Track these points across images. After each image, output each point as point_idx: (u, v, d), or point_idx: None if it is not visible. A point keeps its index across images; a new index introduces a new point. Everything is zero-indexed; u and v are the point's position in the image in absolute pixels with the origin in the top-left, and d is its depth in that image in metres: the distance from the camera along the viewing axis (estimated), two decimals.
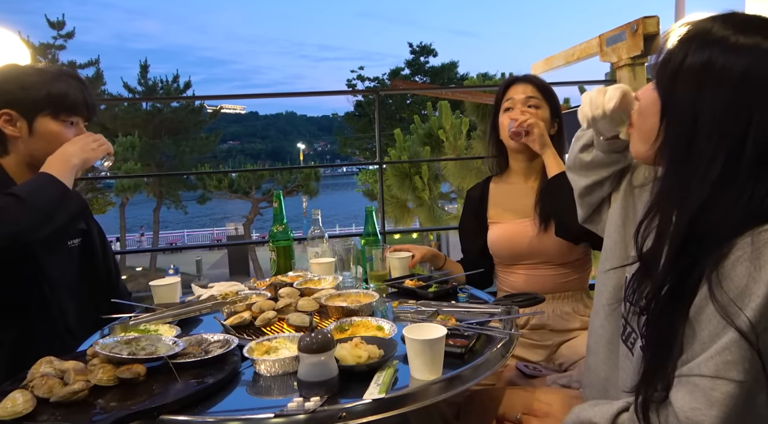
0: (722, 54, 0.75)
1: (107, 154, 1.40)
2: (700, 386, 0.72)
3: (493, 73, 12.99)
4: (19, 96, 1.28)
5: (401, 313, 1.30)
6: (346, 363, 0.95)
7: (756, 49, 0.75)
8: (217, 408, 0.90)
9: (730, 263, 0.72)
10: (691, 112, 0.77)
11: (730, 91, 0.75)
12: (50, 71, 1.34)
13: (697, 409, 0.72)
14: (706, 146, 0.76)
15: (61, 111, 1.32)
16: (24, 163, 1.33)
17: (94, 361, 0.99)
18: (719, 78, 0.75)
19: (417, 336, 0.94)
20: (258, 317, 1.24)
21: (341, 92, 3.86)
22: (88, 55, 26.56)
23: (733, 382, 0.70)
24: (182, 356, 1.01)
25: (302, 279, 1.54)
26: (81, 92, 1.35)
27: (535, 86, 1.63)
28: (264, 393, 0.96)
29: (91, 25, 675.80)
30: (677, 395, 0.75)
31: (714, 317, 0.72)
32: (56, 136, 1.32)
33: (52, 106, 1.31)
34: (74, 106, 1.34)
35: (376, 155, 2.83)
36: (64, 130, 1.33)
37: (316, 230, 1.76)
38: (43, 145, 1.30)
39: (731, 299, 0.70)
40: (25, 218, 1.15)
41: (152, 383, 0.95)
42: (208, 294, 1.45)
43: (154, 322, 1.22)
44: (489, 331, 1.13)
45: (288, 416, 0.83)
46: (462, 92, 7.72)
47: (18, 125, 1.29)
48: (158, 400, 0.87)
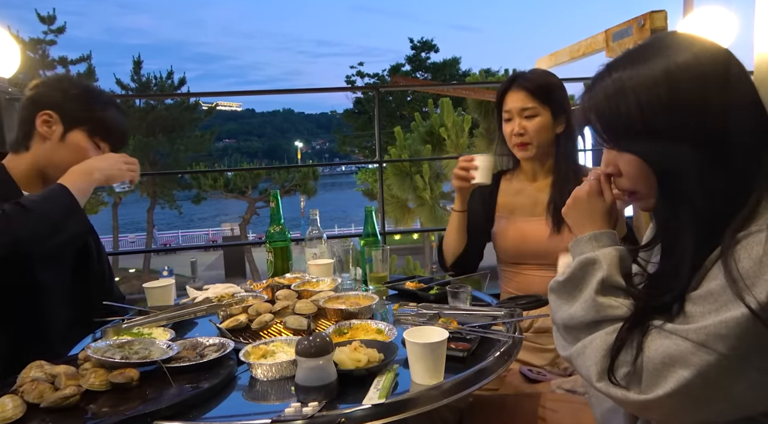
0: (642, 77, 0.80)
1: (130, 180, 1.45)
2: (682, 347, 0.73)
3: (496, 70, 12.95)
4: (66, 104, 1.37)
5: (401, 316, 1.30)
6: (345, 367, 0.95)
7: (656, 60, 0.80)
8: (212, 414, 0.90)
9: (746, 241, 0.73)
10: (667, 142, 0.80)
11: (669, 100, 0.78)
12: (103, 95, 1.46)
13: (669, 365, 0.73)
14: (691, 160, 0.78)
15: (98, 133, 1.42)
16: (37, 166, 1.38)
17: (86, 365, 0.99)
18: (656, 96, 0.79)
19: (418, 340, 0.94)
20: (254, 320, 1.24)
21: (340, 89, 3.86)
22: (79, 50, 26.57)
23: (716, 353, 0.70)
24: (176, 361, 1.01)
25: (300, 281, 1.54)
26: (120, 124, 1.47)
27: (529, 92, 1.58)
28: (261, 398, 0.97)
29: (82, 20, 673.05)
30: (654, 344, 0.76)
31: (723, 292, 0.72)
32: (82, 151, 1.39)
33: (92, 126, 1.40)
34: (109, 134, 1.45)
35: (375, 154, 2.83)
36: (91, 149, 1.41)
37: (314, 231, 1.76)
38: (66, 155, 1.37)
39: (742, 275, 0.71)
40: (28, 228, 1.16)
41: (146, 388, 0.95)
42: (203, 296, 1.45)
43: (147, 325, 1.22)
44: (492, 334, 1.13)
45: (285, 421, 0.83)
46: (464, 89, 7.72)
47: (53, 128, 1.37)
48: (151, 405, 0.87)
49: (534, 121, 1.58)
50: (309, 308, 1.32)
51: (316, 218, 1.79)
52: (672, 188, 0.82)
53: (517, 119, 1.60)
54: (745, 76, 0.80)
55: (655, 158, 0.82)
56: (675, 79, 0.78)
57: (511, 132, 1.61)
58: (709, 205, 0.78)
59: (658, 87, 0.78)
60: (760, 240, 0.72)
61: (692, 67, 0.78)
